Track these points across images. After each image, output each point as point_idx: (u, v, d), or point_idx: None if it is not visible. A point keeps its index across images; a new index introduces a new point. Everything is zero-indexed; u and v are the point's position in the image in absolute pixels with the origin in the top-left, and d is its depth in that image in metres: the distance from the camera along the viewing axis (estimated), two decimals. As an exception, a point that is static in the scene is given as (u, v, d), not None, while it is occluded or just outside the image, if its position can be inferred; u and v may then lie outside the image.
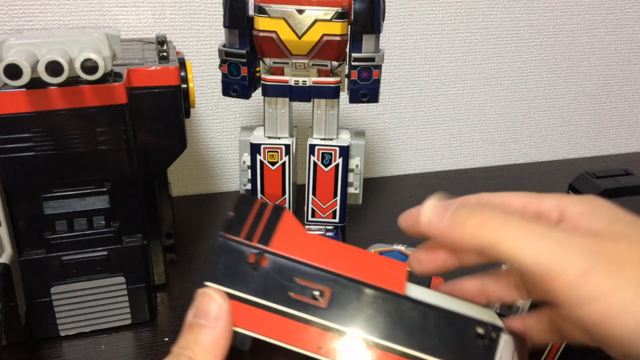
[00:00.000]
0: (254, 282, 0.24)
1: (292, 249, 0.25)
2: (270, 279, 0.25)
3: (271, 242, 0.25)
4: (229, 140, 0.79)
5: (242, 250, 0.25)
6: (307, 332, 0.24)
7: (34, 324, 0.49)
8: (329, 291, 0.24)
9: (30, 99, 0.42)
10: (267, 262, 0.25)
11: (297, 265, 0.25)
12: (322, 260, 0.25)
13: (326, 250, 0.26)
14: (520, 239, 0.23)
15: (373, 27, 0.53)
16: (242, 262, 0.25)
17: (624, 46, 0.90)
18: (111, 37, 0.43)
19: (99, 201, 0.48)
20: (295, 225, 0.27)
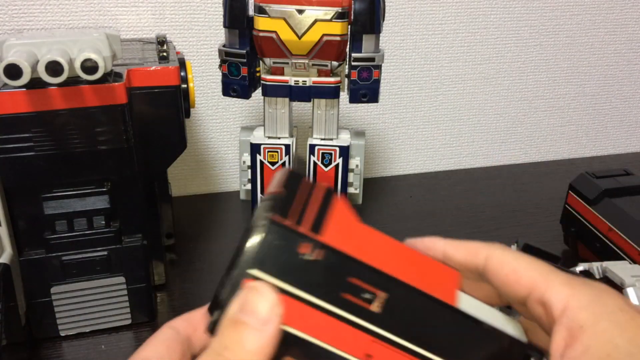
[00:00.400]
0: (304, 275, 0.21)
1: (345, 243, 0.22)
2: (321, 275, 0.21)
3: (323, 232, 0.22)
4: (229, 140, 0.79)
5: (292, 237, 0.21)
6: (356, 338, 0.22)
7: (34, 324, 0.49)
8: (384, 296, 0.22)
9: (30, 99, 0.42)
10: (319, 255, 0.21)
11: (352, 263, 0.22)
12: (378, 260, 0.22)
13: (381, 247, 0.23)
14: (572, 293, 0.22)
15: (373, 27, 0.53)
16: (292, 252, 0.21)
17: (624, 46, 0.90)
18: (111, 37, 0.43)
19: (99, 201, 0.48)
20: (348, 214, 0.23)
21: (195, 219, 0.71)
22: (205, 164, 0.80)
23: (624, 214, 0.57)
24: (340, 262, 0.22)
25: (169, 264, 0.61)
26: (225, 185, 0.81)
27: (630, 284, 0.49)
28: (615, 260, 0.54)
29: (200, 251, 0.64)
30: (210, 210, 0.74)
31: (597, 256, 0.59)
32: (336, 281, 0.22)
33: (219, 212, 0.73)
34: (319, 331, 0.21)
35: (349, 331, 0.22)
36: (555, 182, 0.83)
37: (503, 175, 0.86)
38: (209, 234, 0.67)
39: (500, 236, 0.68)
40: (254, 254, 0.21)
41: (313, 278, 0.21)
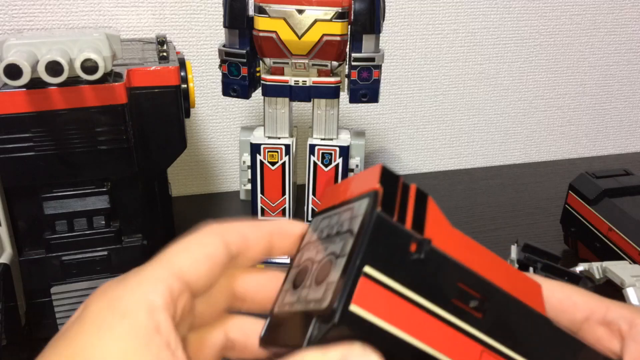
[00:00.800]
0: (414, 276, 0.20)
1: (447, 245, 0.21)
2: (432, 277, 0.20)
3: (426, 233, 0.21)
4: (229, 140, 0.79)
5: (403, 234, 0.20)
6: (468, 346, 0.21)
7: (34, 324, 0.49)
8: (485, 301, 0.21)
9: (30, 99, 0.42)
10: (427, 256, 0.20)
11: (457, 266, 0.21)
12: (477, 265, 0.21)
13: (475, 252, 0.22)
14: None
15: (373, 27, 0.53)
16: (402, 250, 0.20)
17: (624, 46, 0.90)
18: (111, 37, 0.43)
19: (99, 201, 0.48)
20: (441, 217, 0.22)
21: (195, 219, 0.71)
22: (205, 164, 0.80)
23: (624, 214, 0.57)
24: (450, 264, 0.21)
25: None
26: (225, 185, 0.81)
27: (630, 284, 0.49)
28: (615, 260, 0.54)
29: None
30: (210, 210, 0.74)
31: (597, 256, 0.59)
32: (447, 284, 0.20)
33: (219, 212, 0.73)
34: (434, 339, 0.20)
35: (461, 339, 0.21)
36: (555, 182, 0.83)
37: (503, 175, 0.86)
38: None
39: (500, 236, 0.68)
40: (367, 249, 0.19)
41: (425, 280, 0.20)
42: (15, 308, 0.47)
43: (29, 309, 0.49)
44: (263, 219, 0.59)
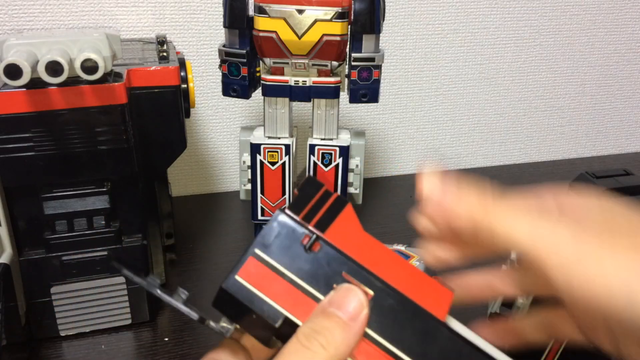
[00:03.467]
0: (302, 263, 0.25)
1: (345, 243, 0.25)
2: (318, 266, 0.25)
3: (327, 231, 0.26)
4: (229, 140, 0.79)
5: (297, 229, 0.25)
6: None
7: (34, 324, 0.49)
8: (370, 295, 0.24)
9: (30, 99, 0.42)
10: (318, 248, 0.25)
11: (347, 260, 0.25)
12: (372, 264, 0.25)
13: (379, 255, 0.26)
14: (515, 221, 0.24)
15: (373, 27, 0.53)
16: (295, 241, 0.25)
17: (624, 46, 0.90)
18: (111, 37, 0.43)
19: (99, 201, 0.48)
20: (354, 222, 0.27)
21: (195, 219, 0.71)
22: (205, 164, 0.80)
23: (624, 214, 0.57)
24: (336, 257, 0.25)
25: (169, 264, 0.61)
26: (225, 185, 0.81)
27: (630, 284, 0.49)
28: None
29: (200, 251, 0.64)
30: (210, 210, 0.74)
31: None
32: (330, 274, 0.24)
33: (219, 212, 0.73)
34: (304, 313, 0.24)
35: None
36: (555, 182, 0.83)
37: (503, 175, 0.86)
38: (209, 234, 0.67)
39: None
40: (263, 238, 0.25)
41: (310, 267, 0.25)
42: (15, 308, 0.47)
43: (29, 309, 0.49)
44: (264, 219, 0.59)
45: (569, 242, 0.23)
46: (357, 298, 0.24)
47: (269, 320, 0.24)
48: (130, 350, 0.50)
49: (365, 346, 0.24)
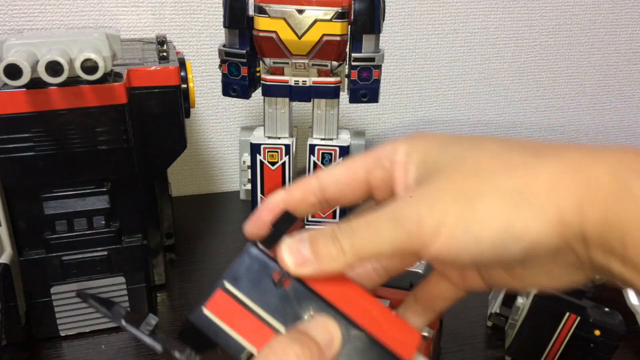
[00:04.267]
0: (271, 299, 0.24)
1: (316, 281, 0.25)
2: (287, 302, 0.24)
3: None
4: (229, 140, 0.79)
5: (269, 264, 0.25)
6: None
7: (34, 324, 0.49)
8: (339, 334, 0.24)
9: (30, 99, 0.42)
10: (288, 285, 0.25)
11: (315, 297, 0.25)
12: (342, 302, 0.25)
13: (348, 292, 0.26)
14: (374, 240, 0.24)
15: (373, 27, 0.53)
16: (266, 276, 0.25)
17: (624, 46, 0.90)
18: (111, 37, 0.43)
19: (99, 201, 0.48)
20: None
21: (195, 219, 0.71)
22: (205, 164, 0.80)
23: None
24: (306, 294, 0.25)
25: (169, 264, 0.61)
26: (225, 185, 0.81)
27: (630, 284, 0.49)
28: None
29: (200, 251, 0.64)
30: (210, 210, 0.74)
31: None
32: (298, 311, 0.24)
33: (219, 212, 0.73)
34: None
35: None
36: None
37: (503, 175, 0.86)
38: (209, 234, 0.67)
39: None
40: (233, 270, 0.25)
41: (278, 303, 0.24)
42: (15, 308, 0.47)
43: (29, 309, 0.49)
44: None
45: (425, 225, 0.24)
46: (333, 328, 0.24)
47: (234, 354, 0.24)
48: (130, 350, 0.50)
49: None
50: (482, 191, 0.23)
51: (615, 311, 0.44)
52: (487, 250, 0.23)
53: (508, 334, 0.48)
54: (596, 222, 0.22)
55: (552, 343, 0.44)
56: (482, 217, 0.23)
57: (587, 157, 0.23)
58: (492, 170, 0.24)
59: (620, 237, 0.22)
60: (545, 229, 0.22)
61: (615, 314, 0.43)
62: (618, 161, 0.22)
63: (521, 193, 0.23)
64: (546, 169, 0.23)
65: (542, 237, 0.22)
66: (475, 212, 0.23)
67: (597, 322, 0.42)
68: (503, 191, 0.23)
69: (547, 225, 0.22)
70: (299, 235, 0.25)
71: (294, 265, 0.25)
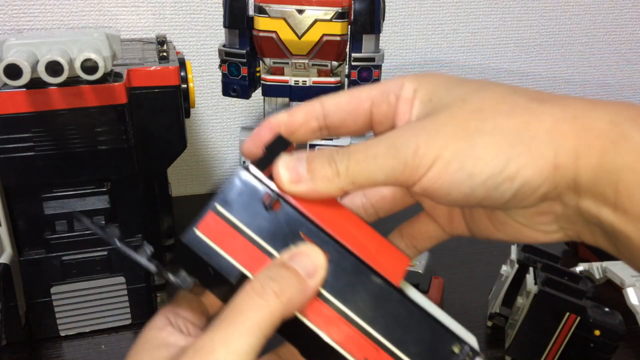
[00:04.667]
0: (261, 222, 0.24)
1: (307, 204, 0.25)
2: (277, 225, 0.24)
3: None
4: (229, 140, 0.79)
5: (258, 187, 0.25)
6: None
7: (34, 324, 0.49)
8: (327, 256, 0.24)
9: (30, 99, 0.42)
10: (278, 207, 0.25)
11: (305, 221, 0.25)
12: (332, 225, 0.25)
13: (341, 217, 0.26)
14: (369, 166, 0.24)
15: (373, 27, 0.53)
16: (256, 199, 0.25)
17: (624, 46, 0.90)
18: (111, 37, 0.43)
19: (99, 201, 0.48)
20: None
21: (195, 219, 0.71)
22: (205, 164, 0.80)
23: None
24: (295, 217, 0.25)
25: (169, 264, 0.61)
26: (225, 185, 0.81)
27: (630, 284, 0.49)
28: (615, 260, 0.54)
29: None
30: (210, 210, 0.74)
31: (597, 256, 0.59)
32: (288, 233, 0.24)
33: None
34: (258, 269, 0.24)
35: None
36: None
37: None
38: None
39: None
40: (224, 193, 0.25)
41: (268, 225, 0.24)
42: (15, 308, 0.47)
43: (29, 309, 0.49)
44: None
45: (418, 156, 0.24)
46: (318, 257, 0.24)
47: (225, 275, 0.24)
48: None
49: (317, 305, 0.24)
50: (482, 129, 0.23)
51: (615, 311, 0.44)
52: (478, 187, 0.23)
53: (508, 334, 0.48)
54: (590, 167, 0.22)
55: (552, 343, 0.44)
56: (479, 153, 0.23)
57: (588, 106, 0.23)
58: (495, 111, 0.24)
59: (613, 183, 0.22)
60: (538, 171, 0.22)
61: (615, 314, 0.43)
62: (616, 111, 0.23)
63: (520, 134, 0.23)
64: (548, 114, 0.23)
65: (534, 179, 0.22)
66: (473, 149, 0.23)
67: (597, 322, 0.42)
68: (503, 130, 0.23)
69: (542, 168, 0.22)
70: (298, 154, 0.25)
71: (288, 181, 0.25)
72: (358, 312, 0.24)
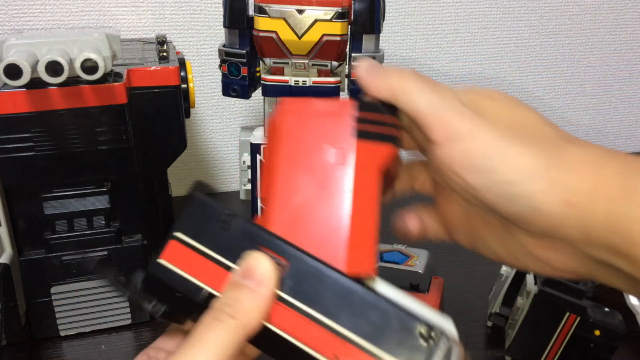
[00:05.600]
0: (220, 240, 0.26)
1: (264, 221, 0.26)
2: (235, 241, 0.25)
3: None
4: (229, 140, 0.79)
5: (214, 209, 0.26)
6: None
7: (34, 324, 0.49)
8: (288, 264, 0.25)
9: (30, 99, 0.42)
10: (234, 225, 0.26)
11: (262, 233, 0.26)
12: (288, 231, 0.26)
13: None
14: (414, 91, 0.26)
15: (373, 27, 0.53)
16: (213, 220, 0.26)
17: (624, 46, 0.90)
18: (111, 37, 0.43)
19: (99, 201, 0.48)
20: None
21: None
22: (205, 164, 0.80)
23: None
24: (252, 230, 0.26)
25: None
26: (225, 185, 0.81)
27: (630, 284, 0.49)
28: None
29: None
30: (210, 210, 0.74)
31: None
32: (248, 247, 0.25)
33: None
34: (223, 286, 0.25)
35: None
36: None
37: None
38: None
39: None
40: (182, 220, 0.26)
41: (228, 243, 0.25)
42: (15, 308, 0.47)
43: (29, 309, 0.49)
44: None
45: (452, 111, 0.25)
46: (264, 264, 0.24)
47: (192, 297, 0.25)
48: (130, 350, 0.50)
49: (282, 310, 0.24)
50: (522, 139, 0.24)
51: (615, 311, 0.44)
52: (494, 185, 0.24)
53: (508, 334, 0.48)
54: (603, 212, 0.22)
55: (552, 343, 0.44)
56: (513, 157, 0.24)
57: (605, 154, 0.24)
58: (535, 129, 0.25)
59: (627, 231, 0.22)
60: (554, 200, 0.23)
61: (615, 314, 0.43)
62: (625, 163, 0.23)
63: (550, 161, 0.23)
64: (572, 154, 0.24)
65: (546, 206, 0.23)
66: (510, 148, 0.24)
67: (597, 322, 0.42)
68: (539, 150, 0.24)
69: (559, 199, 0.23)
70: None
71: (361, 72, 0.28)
72: (322, 310, 0.24)
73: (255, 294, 0.24)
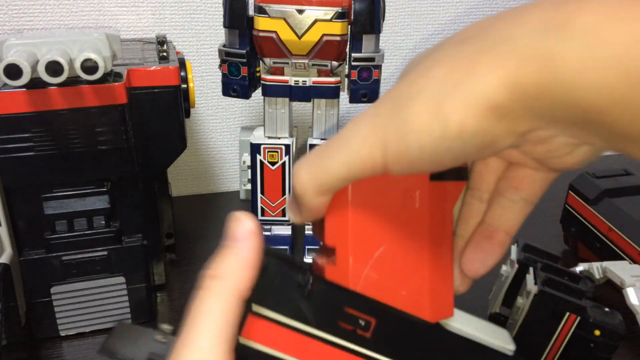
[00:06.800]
0: (303, 308, 0.23)
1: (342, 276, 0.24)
2: (320, 306, 0.23)
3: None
4: (229, 140, 0.79)
5: (291, 274, 0.24)
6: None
7: (34, 324, 0.49)
8: (374, 321, 0.24)
9: (30, 99, 0.42)
10: (316, 288, 0.23)
11: (346, 294, 0.24)
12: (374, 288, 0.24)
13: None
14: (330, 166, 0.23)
15: (373, 27, 0.53)
16: (290, 287, 0.23)
17: (624, 46, 0.90)
18: (111, 37, 0.43)
19: (99, 201, 0.48)
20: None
21: (195, 219, 0.71)
22: (205, 164, 0.80)
23: (624, 214, 0.57)
24: (336, 292, 0.24)
25: (169, 264, 0.61)
26: (225, 185, 0.81)
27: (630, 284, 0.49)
28: (615, 260, 0.54)
29: (200, 251, 0.64)
30: (210, 210, 0.74)
31: (597, 256, 0.59)
32: (334, 311, 0.23)
33: (219, 212, 0.73)
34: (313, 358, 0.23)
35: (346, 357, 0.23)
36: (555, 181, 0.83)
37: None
38: (209, 234, 0.67)
39: (500, 236, 0.68)
40: (256, 291, 0.23)
41: (312, 310, 0.23)
42: (15, 308, 0.47)
43: (29, 309, 0.49)
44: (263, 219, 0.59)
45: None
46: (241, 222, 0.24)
47: None
48: (130, 350, 0.50)
49: None
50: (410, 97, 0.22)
51: (615, 311, 0.44)
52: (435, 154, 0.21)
53: (508, 334, 0.48)
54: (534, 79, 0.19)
55: (552, 343, 0.44)
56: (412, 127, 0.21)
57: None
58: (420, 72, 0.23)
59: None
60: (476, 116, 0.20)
61: (615, 314, 0.43)
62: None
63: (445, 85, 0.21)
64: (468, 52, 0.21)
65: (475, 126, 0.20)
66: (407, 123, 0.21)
67: (597, 322, 0.42)
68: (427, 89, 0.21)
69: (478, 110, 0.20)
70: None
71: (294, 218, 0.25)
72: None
73: (236, 250, 0.23)
